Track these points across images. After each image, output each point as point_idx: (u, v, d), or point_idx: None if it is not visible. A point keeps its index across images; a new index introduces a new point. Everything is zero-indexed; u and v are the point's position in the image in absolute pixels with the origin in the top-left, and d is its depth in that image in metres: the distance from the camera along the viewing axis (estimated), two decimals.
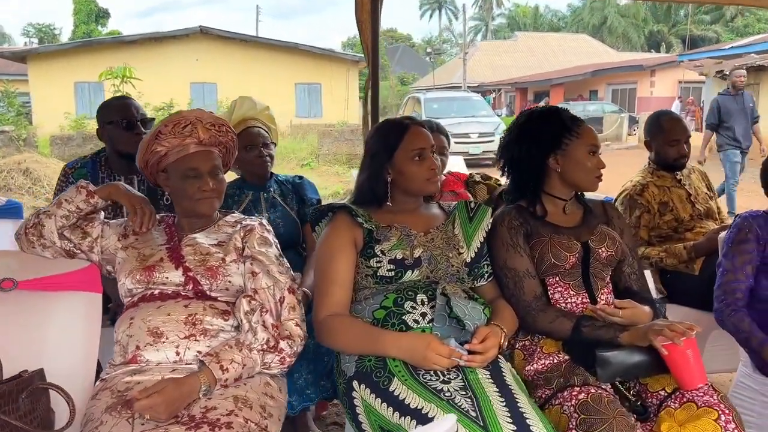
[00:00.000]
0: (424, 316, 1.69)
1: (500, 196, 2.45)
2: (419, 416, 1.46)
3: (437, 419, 1.41)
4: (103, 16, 32.67)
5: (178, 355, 1.64)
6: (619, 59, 32.95)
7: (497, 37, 54.25)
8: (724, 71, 13.77)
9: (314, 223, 1.93)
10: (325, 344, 1.76)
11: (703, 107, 19.40)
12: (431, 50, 49.54)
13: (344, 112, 20.24)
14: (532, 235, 1.89)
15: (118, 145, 2.48)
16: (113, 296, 2.12)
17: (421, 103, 16.52)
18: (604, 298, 1.88)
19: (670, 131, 2.80)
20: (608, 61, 32.35)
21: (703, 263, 2.65)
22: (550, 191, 1.95)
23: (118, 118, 2.46)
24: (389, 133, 1.87)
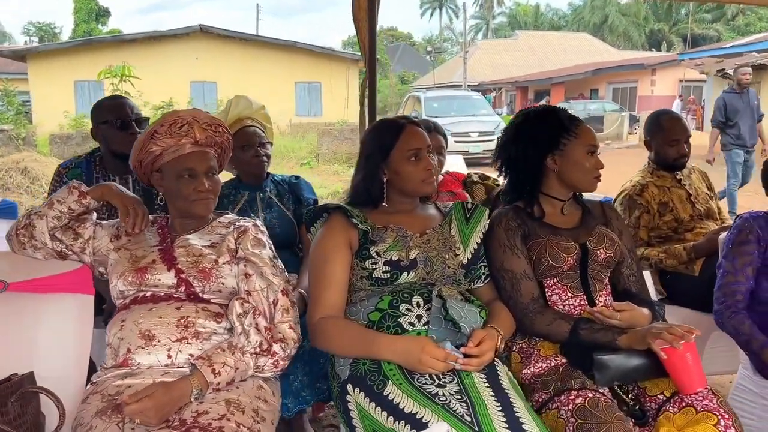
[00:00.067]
0: (419, 318, 1.67)
1: (498, 196, 2.42)
2: (413, 421, 1.44)
3: (431, 425, 1.39)
4: (103, 14, 32.70)
5: (169, 358, 1.62)
6: (619, 58, 32.93)
7: (498, 35, 54.19)
8: (725, 70, 13.74)
9: (309, 224, 1.91)
10: (319, 347, 1.74)
11: (704, 106, 19.39)
12: (432, 49, 49.50)
13: (344, 110, 20.19)
14: (529, 236, 1.87)
15: (112, 144, 2.46)
16: (107, 297, 2.10)
17: (421, 101, 16.52)
18: (602, 300, 1.86)
19: (670, 131, 2.78)
20: (609, 59, 32.32)
21: (703, 264, 2.63)
22: (547, 192, 1.92)
23: (112, 117, 2.44)
24: (385, 132, 1.85)
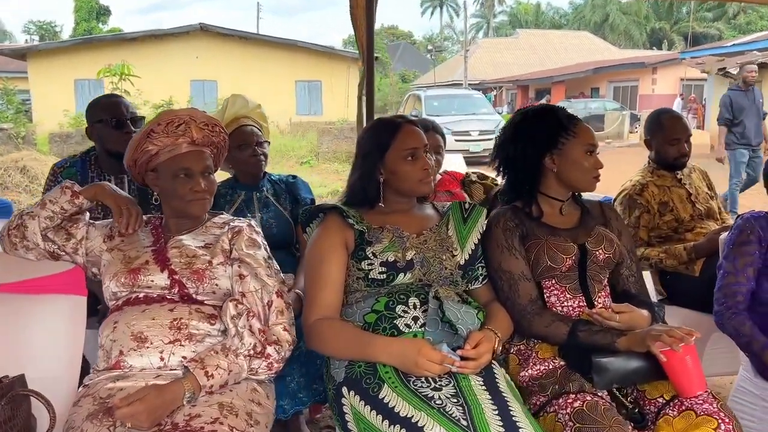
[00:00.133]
0: (416, 320, 1.65)
1: (496, 196, 2.40)
2: (409, 425, 1.42)
3: (427, 429, 1.37)
4: (104, 13, 32.68)
5: (162, 360, 1.60)
6: (620, 56, 32.85)
7: (499, 34, 54.13)
8: (726, 68, 13.70)
9: (305, 224, 1.89)
10: (314, 349, 1.72)
11: (705, 105, 19.33)
12: (432, 47, 49.49)
13: (344, 109, 20.15)
14: (527, 236, 1.85)
15: (107, 143, 2.45)
16: (102, 297, 2.08)
17: (421, 100, 16.50)
18: (601, 301, 1.84)
19: (670, 130, 2.76)
20: (610, 58, 32.25)
21: (703, 264, 2.60)
22: (546, 192, 1.90)
23: (107, 116, 2.43)
24: (381, 132, 1.82)
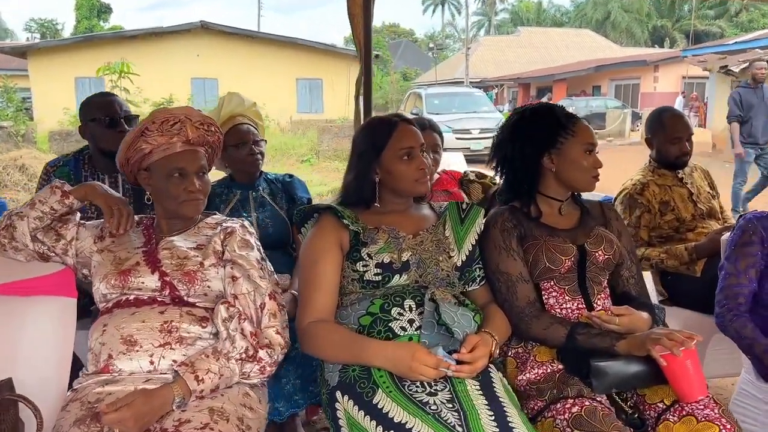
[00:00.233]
0: (411, 323, 1.61)
1: (494, 196, 2.37)
2: (403, 431, 1.38)
3: None
4: (105, 11, 32.70)
5: (152, 364, 1.57)
6: (622, 54, 32.77)
7: (500, 32, 53.98)
8: (728, 66, 13.65)
9: (299, 224, 1.86)
10: (308, 352, 1.68)
11: (706, 103, 19.26)
12: (434, 45, 49.32)
13: (345, 107, 20.10)
14: (526, 237, 1.82)
15: (100, 142, 2.42)
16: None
17: (422, 98, 16.47)
18: (600, 303, 1.81)
19: (671, 128, 2.72)
20: (611, 56, 32.15)
21: (705, 265, 2.57)
22: (544, 192, 1.87)
23: (100, 115, 2.40)
24: (376, 131, 1.79)
